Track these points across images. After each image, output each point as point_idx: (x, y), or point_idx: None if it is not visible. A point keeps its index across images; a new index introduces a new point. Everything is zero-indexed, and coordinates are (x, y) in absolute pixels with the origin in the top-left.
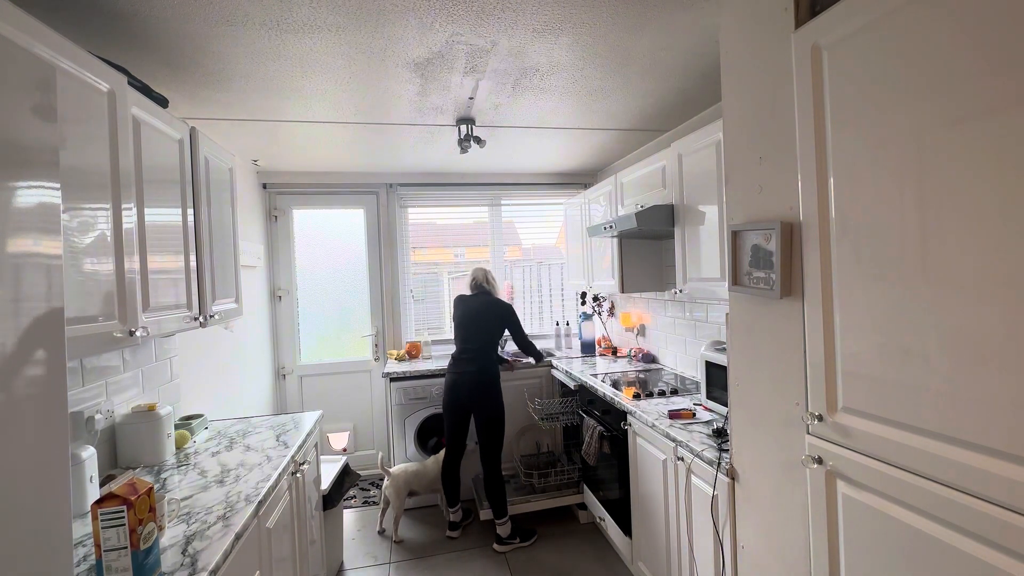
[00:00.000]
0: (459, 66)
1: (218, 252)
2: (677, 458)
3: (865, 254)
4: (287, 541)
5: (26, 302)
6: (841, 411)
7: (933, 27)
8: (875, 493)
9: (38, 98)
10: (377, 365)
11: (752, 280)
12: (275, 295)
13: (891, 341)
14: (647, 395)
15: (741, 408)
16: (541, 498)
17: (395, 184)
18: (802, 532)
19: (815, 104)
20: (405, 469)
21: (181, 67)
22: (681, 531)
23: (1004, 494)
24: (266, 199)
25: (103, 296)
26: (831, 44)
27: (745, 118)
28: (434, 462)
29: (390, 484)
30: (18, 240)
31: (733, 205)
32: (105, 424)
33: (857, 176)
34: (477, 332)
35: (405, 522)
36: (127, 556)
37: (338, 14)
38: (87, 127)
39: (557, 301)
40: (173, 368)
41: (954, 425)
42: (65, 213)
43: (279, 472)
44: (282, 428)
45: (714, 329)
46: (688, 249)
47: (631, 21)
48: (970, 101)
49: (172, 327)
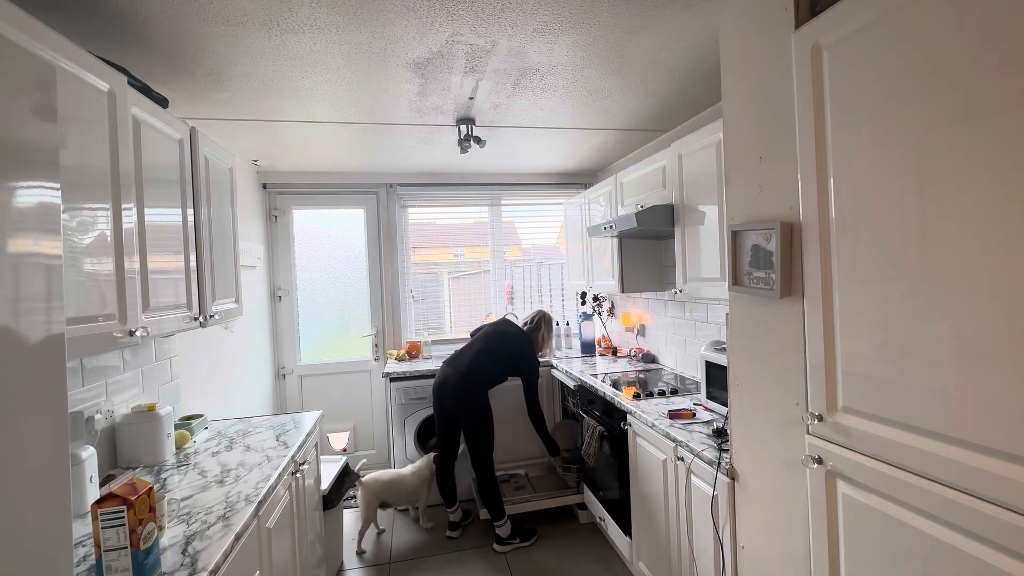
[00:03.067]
0: (459, 66)
1: (218, 252)
2: (677, 458)
3: (865, 254)
4: (287, 541)
5: (26, 302)
6: (841, 411)
7: (933, 27)
8: (875, 493)
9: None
10: (377, 365)
11: (752, 280)
12: (275, 295)
13: (891, 341)
14: (647, 395)
15: (741, 408)
16: (541, 498)
17: (395, 184)
18: (802, 532)
19: (815, 104)
20: (378, 478)
21: (181, 67)
22: (681, 531)
23: (1004, 494)
24: (266, 199)
25: (103, 296)
26: (831, 44)
27: (745, 118)
28: (413, 474)
29: (360, 493)
30: (18, 240)
31: (733, 205)
32: (105, 424)
33: (857, 176)
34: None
35: (405, 522)
36: (127, 556)
37: (338, 14)
38: (87, 127)
39: (557, 301)
40: (173, 368)
41: (954, 425)
42: (65, 213)
43: (279, 472)
44: (282, 428)
45: (714, 329)
46: (688, 249)
47: (631, 21)
48: (970, 101)
49: (172, 327)
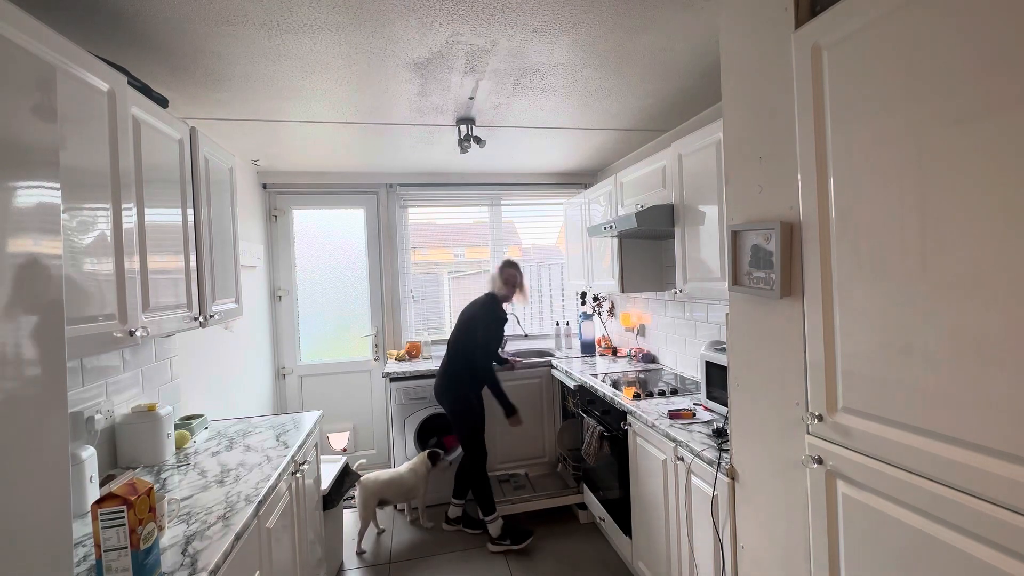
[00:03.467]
0: (459, 66)
1: (218, 252)
2: (677, 458)
3: (865, 254)
4: (287, 541)
5: (26, 302)
6: (841, 411)
7: (933, 27)
8: (875, 493)
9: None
10: (377, 365)
11: (752, 280)
12: (275, 295)
13: (891, 341)
14: (647, 395)
15: (741, 408)
16: (541, 498)
17: (395, 184)
18: (802, 532)
19: (815, 104)
20: (376, 477)
21: (181, 67)
22: (681, 531)
23: (1004, 494)
24: (266, 199)
25: (103, 296)
26: (831, 44)
27: (745, 118)
28: (410, 471)
29: (358, 493)
30: (18, 240)
31: (733, 205)
32: (105, 424)
33: (857, 176)
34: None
35: (405, 522)
36: (127, 556)
37: (338, 14)
38: (87, 127)
39: (557, 301)
40: (173, 368)
41: (954, 425)
42: (65, 213)
43: (279, 472)
44: (282, 428)
45: (714, 329)
46: (688, 249)
47: (631, 21)
48: (970, 101)
49: (172, 327)
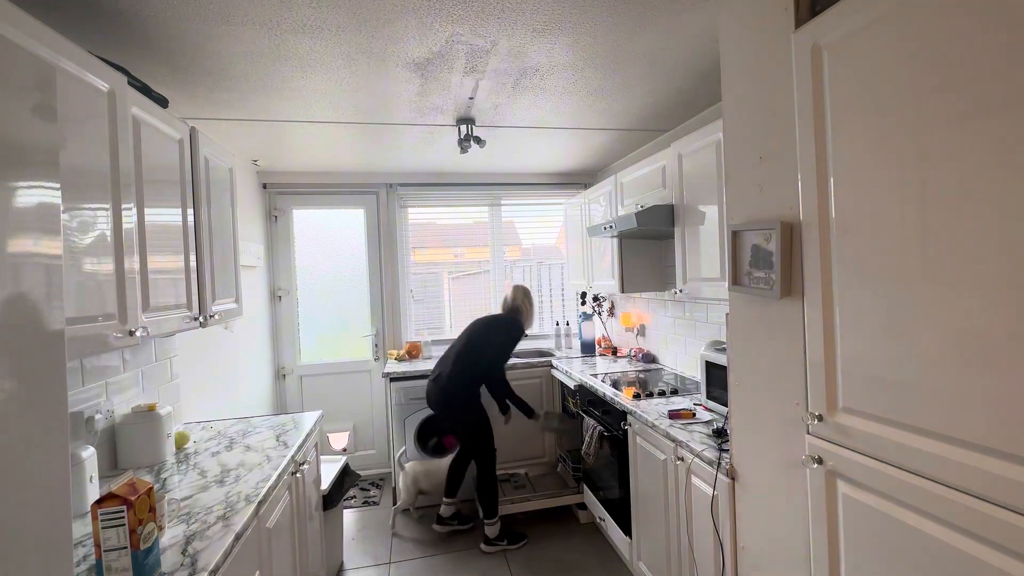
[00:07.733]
0: (459, 66)
1: (218, 252)
2: (677, 458)
3: (865, 254)
4: (287, 541)
5: (26, 302)
6: (841, 411)
7: (933, 27)
8: (875, 493)
9: (38, 98)
10: (377, 365)
11: (752, 280)
12: (275, 295)
13: (891, 341)
14: (647, 395)
15: (741, 408)
16: (541, 498)
17: (395, 184)
18: (802, 532)
19: (815, 104)
20: (415, 467)
21: (181, 67)
22: (681, 531)
23: (1004, 494)
24: (266, 199)
25: (103, 296)
26: (831, 44)
27: (745, 118)
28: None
29: (402, 477)
30: (18, 240)
31: (733, 205)
32: (105, 424)
33: (857, 176)
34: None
35: (404, 521)
36: (127, 556)
37: (338, 14)
38: (87, 127)
39: (557, 301)
40: (173, 368)
41: (954, 425)
42: (65, 213)
43: (279, 472)
44: (282, 428)
45: (714, 329)
46: (688, 249)
47: (631, 21)
48: (971, 100)
49: (172, 327)
